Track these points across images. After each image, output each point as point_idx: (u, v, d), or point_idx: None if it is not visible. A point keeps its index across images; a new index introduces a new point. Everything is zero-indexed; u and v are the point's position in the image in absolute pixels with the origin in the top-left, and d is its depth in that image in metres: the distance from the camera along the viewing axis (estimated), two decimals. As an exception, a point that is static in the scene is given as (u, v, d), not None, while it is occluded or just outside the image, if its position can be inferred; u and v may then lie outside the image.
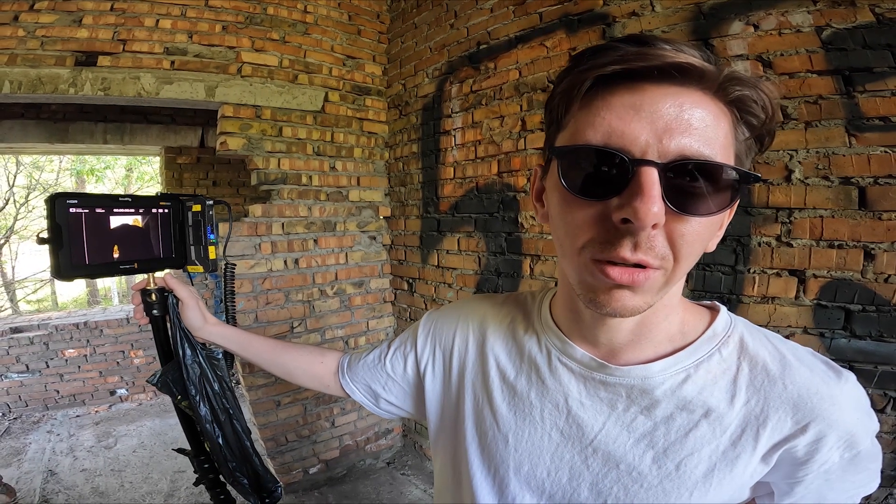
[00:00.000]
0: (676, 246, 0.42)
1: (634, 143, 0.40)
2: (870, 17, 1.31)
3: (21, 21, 2.05)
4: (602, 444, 0.53)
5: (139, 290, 0.90)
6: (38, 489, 2.85)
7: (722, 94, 0.42)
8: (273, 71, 2.55)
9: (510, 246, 2.27)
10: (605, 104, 0.42)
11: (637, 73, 0.41)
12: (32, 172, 9.63)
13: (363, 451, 3.02)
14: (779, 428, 0.48)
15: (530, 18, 2.12)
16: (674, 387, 0.51)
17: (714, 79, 0.41)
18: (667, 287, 0.45)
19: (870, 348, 1.34)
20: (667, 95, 0.41)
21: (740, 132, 0.44)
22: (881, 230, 1.31)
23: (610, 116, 0.42)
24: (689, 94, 0.41)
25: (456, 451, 0.65)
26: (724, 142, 0.42)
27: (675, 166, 0.40)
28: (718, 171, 0.41)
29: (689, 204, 0.41)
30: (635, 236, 0.41)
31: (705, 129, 0.41)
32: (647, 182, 0.39)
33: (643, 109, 0.41)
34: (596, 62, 0.42)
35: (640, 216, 0.39)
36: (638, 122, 0.40)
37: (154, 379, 0.93)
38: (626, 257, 0.41)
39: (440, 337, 0.72)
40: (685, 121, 0.40)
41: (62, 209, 0.75)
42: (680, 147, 0.40)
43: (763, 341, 0.52)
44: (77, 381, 4.15)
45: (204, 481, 1.00)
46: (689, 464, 0.49)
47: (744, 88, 0.42)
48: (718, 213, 0.43)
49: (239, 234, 2.46)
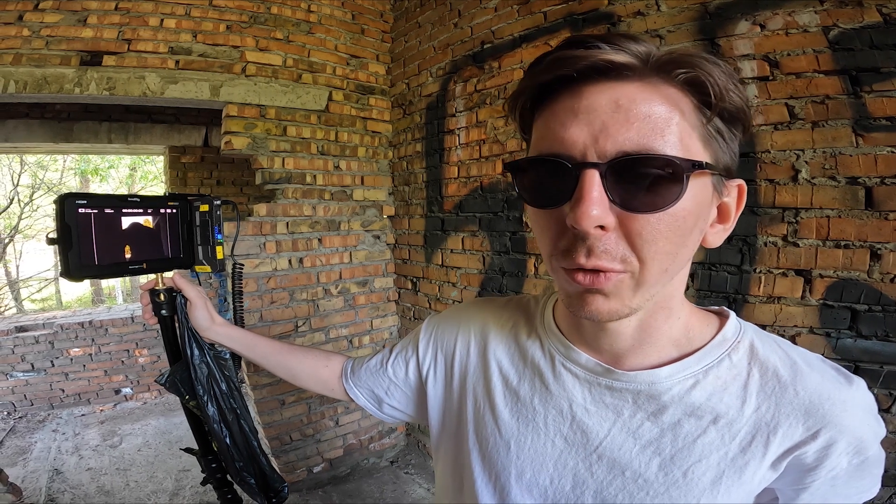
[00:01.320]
0: (636, 246, 0.41)
1: (574, 147, 0.40)
2: (877, 18, 1.30)
3: (26, 21, 2.05)
4: (607, 450, 0.52)
5: (148, 290, 0.91)
6: (43, 488, 2.86)
7: (664, 79, 0.40)
8: (277, 70, 2.55)
9: (515, 245, 2.27)
10: (551, 113, 0.42)
11: (573, 77, 0.40)
12: (37, 172, 9.66)
13: (367, 449, 3.02)
14: (790, 434, 0.47)
15: (535, 18, 2.12)
16: (682, 392, 0.50)
17: (648, 68, 0.40)
18: (643, 289, 0.43)
19: (876, 348, 1.34)
20: (602, 93, 0.40)
21: (701, 115, 0.41)
22: (888, 230, 1.31)
23: (554, 124, 0.42)
24: (625, 87, 0.40)
25: (457, 456, 0.64)
26: (676, 129, 0.40)
27: (616, 164, 0.39)
28: (659, 162, 0.39)
29: (637, 201, 0.39)
30: (585, 241, 0.40)
31: (645, 122, 0.39)
32: (586, 185, 0.39)
33: (580, 112, 0.40)
34: (533, 72, 0.42)
35: (579, 221, 0.38)
36: (576, 125, 0.40)
37: (162, 379, 0.94)
38: (582, 264, 0.41)
39: (441, 342, 0.71)
40: (622, 116, 0.39)
41: (71, 209, 0.75)
42: (617, 144, 0.39)
43: (773, 346, 0.51)
44: (82, 379, 4.17)
45: (211, 481, 1.00)
46: (696, 471, 0.48)
47: (686, 70, 0.40)
48: (669, 207, 0.40)
49: (244, 234, 2.47)
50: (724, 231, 0.48)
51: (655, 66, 0.40)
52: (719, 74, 0.40)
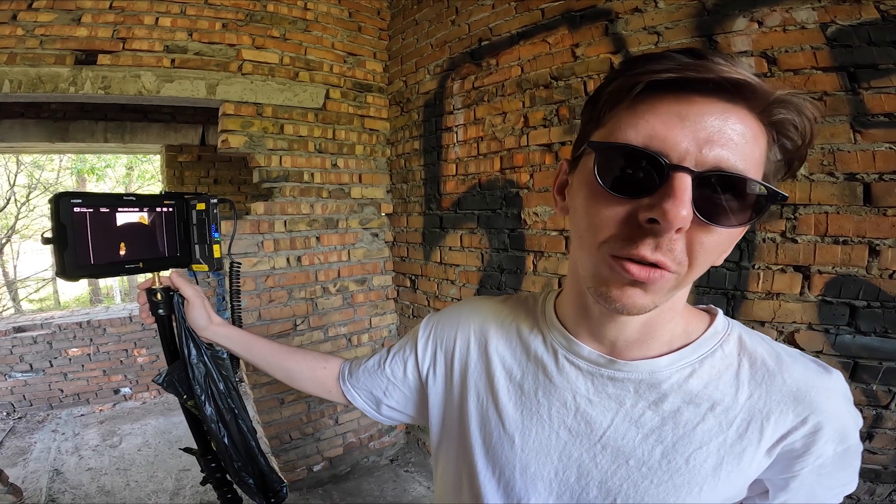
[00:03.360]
0: (694, 253, 0.43)
1: (674, 149, 0.41)
2: (875, 14, 1.30)
3: (20, 20, 2.04)
4: (611, 440, 0.53)
5: (145, 289, 0.90)
6: (44, 488, 2.86)
7: (766, 114, 0.43)
8: (274, 68, 2.54)
9: (513, 242, 2.26)
10: (651, 109, 0.43)
11: (688, 84, 0.42)
12: (33, 171, 9.63)
13: (367, 448, 3.03)
14: (782, 421, 0.50)
15: (532, 14, 2.11)
16: (680, 381, 0.52)
17: (764, 99, 0.42)
18: (675, 290, 0.47)
19: (874, 344, 1.34)
20: (713, 108, 0.42)
21: (773, 153, 0.45)
22: (886, 226, 1.31)
23: (655, 121, 0.43)
24: (735, 111, 0.42)
25: (460, 453, 0.65)
26: (758, 160, 0.43)
27: (709, 177, 0.41)
28: (749, 187, 0.42)
29: (715, 214, 0.42)
30: (658, 237, 0.42)
31: (744, 146, 0.42)
32: (680, 186, 0.40)
33: (688, 119, 0.42)
34: (651, 68, 0.43)
35: (669, 218, 0.40)
36: (681, 129, 0.42)
37: (160, 378, 0.93)
38: (646, 256, 0.42)
39: (441, 339, 0.71)
40: (727, 135, 0.41)
41: (66, 209, 0.74)
42: (717, 159, 0.41)
43: (759, 340, 0.55)
44: (81, 379, 4.16)
45: (211, 480, 1.00)
46: (698, 458, 0.50)
47: (788, 112, 0.43)
48: (741, 227, 0.44)
49: (241, 232, 2.46)
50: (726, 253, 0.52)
51: (765, 100, 0.42)
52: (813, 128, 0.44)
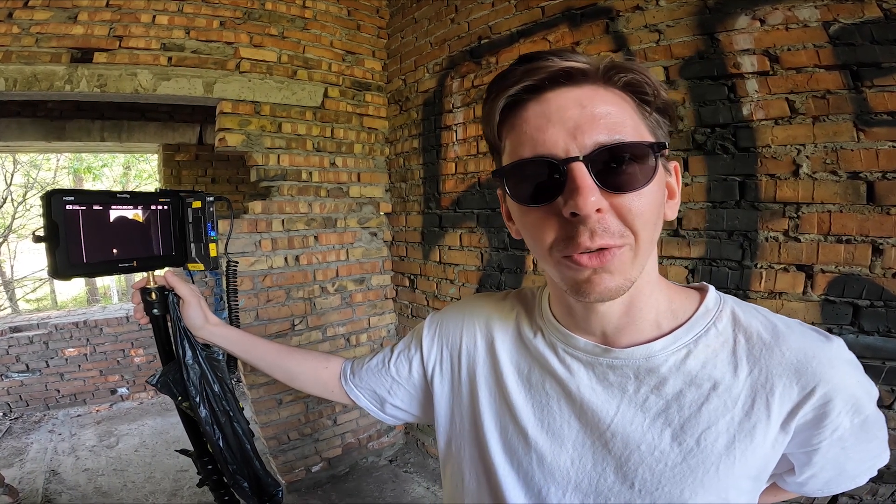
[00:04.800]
0: (629, 221, 0.46)
1: (556, 146, 0.45)
2: (877, 13, 1.30)
3: (15, 18, 2.02)
4: (619, 427, 0.54)
5: (139, 288, 0.88)
6: (40, 489, 2.83)
7: (610, 83, 0.48)
8: (272, 66, 2.52)
9: (513, 241, 2.25)
10: (523, 120, 0.48)
11: (535, 87, 0.47)
12: (30, 171, 9.58)
13: (366, 448, 3.01)
14: (788, 394, 0.49)
15: (532, 13, 2.10)
16: (677, 363, 0.53)
17: (596, 72, 0.47)
18: (638, 260, 0.48)
19: (878, 344, 1.33)
20: (567, 97, 0.46)
21: (643, 110, 0.49)
22: (889, 225, 1.30)
23: (529, 129, 0.47)
24: (584, 91, 0.47)
25: (474, 452, 0.65)
26: (630, 122, 0.47)
27: (596, 154, 0.45)
28: (632, 148, 0.46)
29: (621, 182, 0.45)
30: (587, 225, 0.45)
31: (608, 116, 0.46)
32: (579, 175, 0.44)
33: (552, 116, 0.46)
34: (501, 87, 0.48)
35: (581, 206, 0.43)
36: (552, 127, 0.46)
37: (154, 379, 0.91)
38: (588, 245, 0.45)
39: (447, 337, 0.72)
40: (589, 114, 0.45)
41: (58, 206, 0.73)
42: (593, 138, 0.45)
43: (753, 313, 0.55)
44: (78, 380, 4.13)
45: (208, 482, 0.98)
46: (708, 437, 0.50)
47: (626, 73, 0.47)
48: (649, 184, 0.46)
49: (239, 231, 2.44)
50: (675, 205, 0.55)
51: (602, 73, 0.47)
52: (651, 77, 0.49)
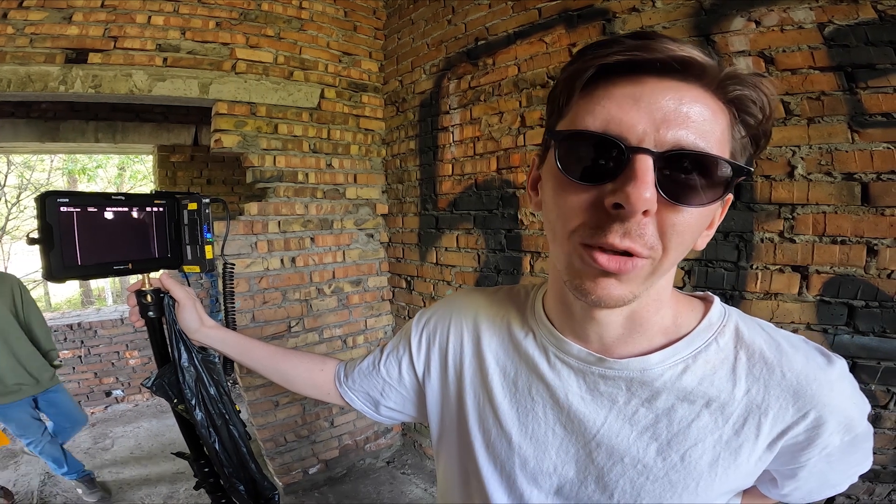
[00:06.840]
0: (667, 236, 0.42)
1: (632, 132, 0.41)
2: (872, 14, 1.30)
3: (10, 18, 2.01)
4: (605, 438, 0.53)
5: (134, 291, 0.88)
6: (35, 491, 2.82)
7: (721, 91, 0.43)
8: (268, 67, 2.51)
9: (510, 243, 2.25)
10: (605, 94, 0.43)
11: (639, 66, 0.42)
12: (24, 172, 9.52)
13: (363, 450, 3.00)
14: (781, 417, 0.48)
15: (529, 14, 2.10)
16: (673, 378, 0.51)
17: (714, 76, 0.42)
18: (653, 278, 0.45)
19: (873, 344, 1.34)
20: (667, 89, 0.41)
21: (737, 131, 0.45)
22: (884, 226, 1.30)
23: (610, 105, 0.42)
24: (689, 90, 0.42)
25: (461, 450, 0.64)
26: (720, 137, 0.42)
27: (670, 156, 0.40)
28: (712, 164, 0.41)
29: (682, 194, 0.41)
30: (625, 223, 0.41)
31: (702, 123, 0.41)
32: (640, 168, 0.40)
33: (643, 100, 0.41)
34: (599, 53, 0.42)
35: (632, 201, 0.39)
36: (637, 111, 0.41)
37: (149, 382, 0.91)
38: (615, 244, 0.41)
39: (434, 335, 0.71)
40: (683, 114, 0.41)
41: (53, 208, 0.72)
42: (676, 138, 0.40)
43: (758, 329, 0.53)
44: (72, 382, 4.09)
45: (204, 485, 0.98)
46: (693, 454, 0.50)
47: (743, 88, 0.42)
48: (710, 205, 0.43)
49: (235, 233, 2.43)
50: (708, 236, 0.51)
51: (722, 78, 0.42)
52: (772, 103, 0.44)
